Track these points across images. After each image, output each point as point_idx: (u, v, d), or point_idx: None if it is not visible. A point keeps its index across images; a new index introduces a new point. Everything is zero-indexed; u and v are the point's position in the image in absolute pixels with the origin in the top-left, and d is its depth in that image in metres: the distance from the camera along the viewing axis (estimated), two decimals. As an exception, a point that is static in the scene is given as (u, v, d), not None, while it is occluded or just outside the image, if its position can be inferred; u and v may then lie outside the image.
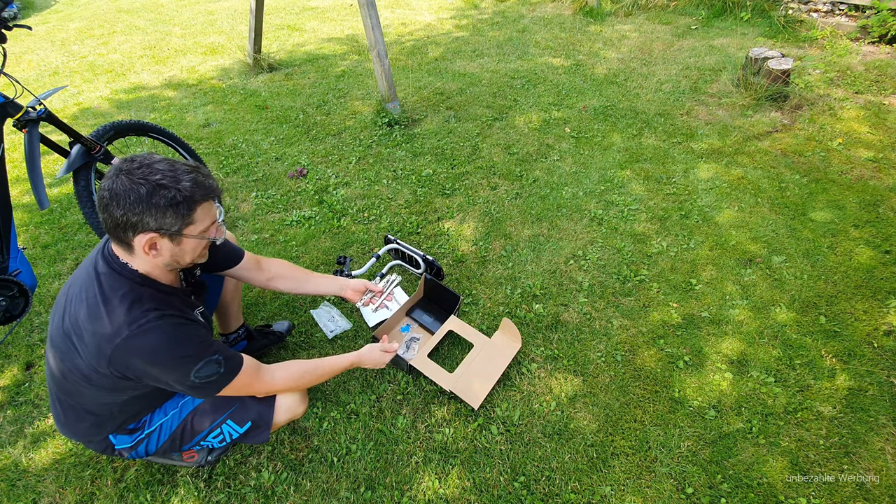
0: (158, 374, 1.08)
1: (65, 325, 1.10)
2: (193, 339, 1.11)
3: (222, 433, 1.36)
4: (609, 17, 5.08)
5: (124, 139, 3.15)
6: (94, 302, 1.06)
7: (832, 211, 2.43)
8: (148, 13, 6.57)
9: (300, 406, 1.41)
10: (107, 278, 1.08)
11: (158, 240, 1.04)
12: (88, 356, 1.07)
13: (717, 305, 2.01)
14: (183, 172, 1.03)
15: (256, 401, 1.36)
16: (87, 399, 1.19)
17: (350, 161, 3.02)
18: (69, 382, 1.15)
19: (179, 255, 1.10)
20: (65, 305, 1.12)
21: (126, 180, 0.99)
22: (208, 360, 1.11)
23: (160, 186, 1.00)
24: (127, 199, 0.98)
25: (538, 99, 3.61)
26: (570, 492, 1.47)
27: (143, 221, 1.00)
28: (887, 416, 1.61)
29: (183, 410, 1.33)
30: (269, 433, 1.38)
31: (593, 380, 1.77)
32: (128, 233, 1.02)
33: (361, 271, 2.12)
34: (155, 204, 0.99)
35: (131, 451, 1.31)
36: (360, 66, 4.37)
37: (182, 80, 4.35)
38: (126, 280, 1.08)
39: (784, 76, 3.20)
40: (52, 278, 2.29)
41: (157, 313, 1.06)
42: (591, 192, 2.66)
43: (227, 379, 1.17)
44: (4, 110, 1.82)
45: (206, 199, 1.07)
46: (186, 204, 1.03)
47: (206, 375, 1.11)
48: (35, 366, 1.91)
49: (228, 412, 1.34)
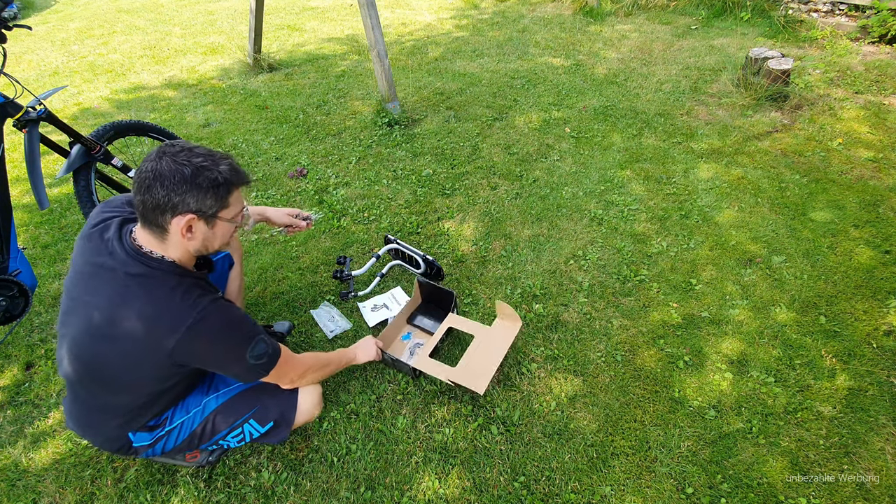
0: (221, 354, 1.13)
1: (96, 330, 1.09)
2: (244, 319, 1.17)
3: (243, 433, 1.37)
4: (609, 17, 5.08)
5: (124, 139, 3.15)
6: (145, 301, 1.07)
7: (832, 211, 2.43)
8: (148, 13, 6.57)
9: (316, 409, 1.47)
10: (149, 276, 1.09)
11: (195, 222, 1.08)
12: (142, 353, 1.09)
13: (717, 305, 2.01)
14: (220, 158, 1.09)
15: (279, 401, 1.39)
16: (124, 396, 1.19)
17: (350, 161, 3.02)
18: (103, 383, 1.16)
19: (210, 240, 1.14)
20: (85, 309, 1.11)
21: (171, 161, 1.03)
22: (258, 339, 1.17)
23: (203, 168, 1.04)
24: (172, 179, 1.01)
25: (538, 99, 3.61)
26: (570, 492, 1.47)
27: (185, 202, 1.04)
28: (887, 416, 1.61)
29: (206, 409, 1.34)
30: (288, 433, 1.42)
31: (593, 380, 1.77)
32: (166, 215, 1.04)
33: (361, 271, 2.12)
34: (198, 185, 1.04)
35: (148, 448, 1.31)
36: (360, 66, 4.37)
37: (182, 80, 4.35)
38: (168, 273, 1.11)
39: (784, 76, 3.20)
40: (52, 278, 2.29)
41: (209, 298, 1.11)
42: (591, 192, 2.66)
43: (275, 359, 1.22)
44: (4, 110, 1.82)
45: (241, 184, 1.14)
46: (225, 187, 1.08)
47: (259, 355, 1.17)
48: (35, 366, 1.91)
49: (252, 411, 1.36)
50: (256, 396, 1.38)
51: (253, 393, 1.39)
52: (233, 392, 1.38)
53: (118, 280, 1.08)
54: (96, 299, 1.10)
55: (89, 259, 1.13)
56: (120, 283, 1.08)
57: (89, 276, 1.13)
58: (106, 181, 2.36)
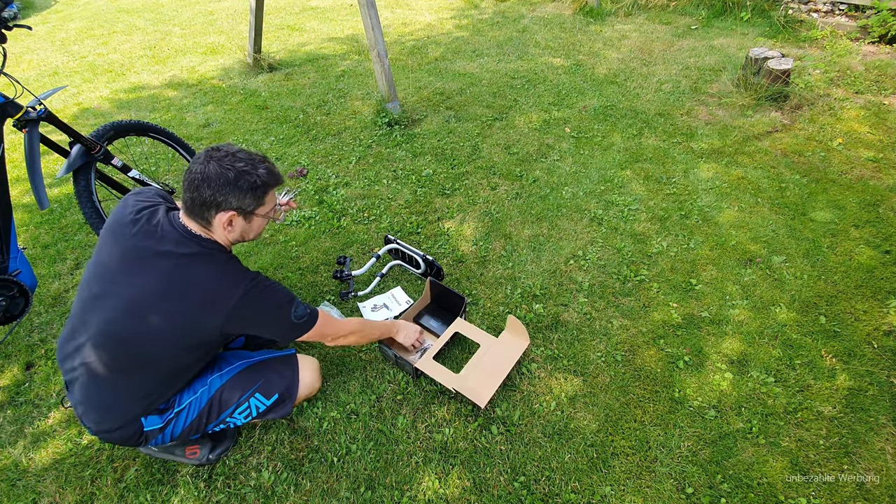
0: (271, 317, 1.29)
1: (144, 307, 1.18)
2: (283, 288, 1.34)
3: (249, 407, 1.42)
4: (609, 17, 5.08)
5: (124, 139, 3.15)
6: (202, 275, 1.21)
7: (832, 211, 2.43)
8: (148, 13, 6.57)
9: (317, 382, 1.58)
10: (203, 254, 1.23)
11: (235, 218, 1.25)
12: (193, 323, 1.20)
13: (717, 305, 2.01)
14: (259, 162, 1.26)
15: (282, 374, 1.48)
16: (153, 372, 1.26)
17: (350, 161, 3.02)
18: (137, 360, 1.23)
19: (247, 232, 1.32)
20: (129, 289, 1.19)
21: (217, 166, 1.19)
22: (298, 303, 1.34)
23: (244, 173, 1.21)
24: (217, 181, 1.19)
25: (538, 99, 3.61)
26: (570, 492, 1.47)
27: (228, 201, 1.21)
28: (887, 416, 1.61)
29: (212, 387, 1.39)
30: (292, 406, 1.50)
31: (593, 380, 1.77)
32: (211, 210, 1.22)
33: (361, 271, 2.12)
34: (240, 187, 1.21)
35: (159, 433, 1.34)
36: (361, 66, 4.37)
37: (182, 80, 4.35)
38: (220, 251, 1.27)
39: (784, 76, 3.20)
40: (52, 278, 2.29)
41: (254, 272, 1.28)
42: (591, 192, 2.66)
43: (314, 320, 1.38)
44: (4, 110, 1.82)
45: (275, 185, 1.31)
46: (262, 188, 1.25)
47: (301, 315, 1.34)
48: (35, 366, 1.91)
49: (256, 385, 1.43)
50: (260, 371, 1.45)
51: (256, 368, 1.46)
52: (236, 369, 1.43)
53: (171, 259, 1.20)
54: (142, 279, 1.19)
55: (138, 243, 1.22)
56: (173, 262, 1.20)
57: (135, 258, 1.22)
58: (106, 181, 2.36)
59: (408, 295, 2.13)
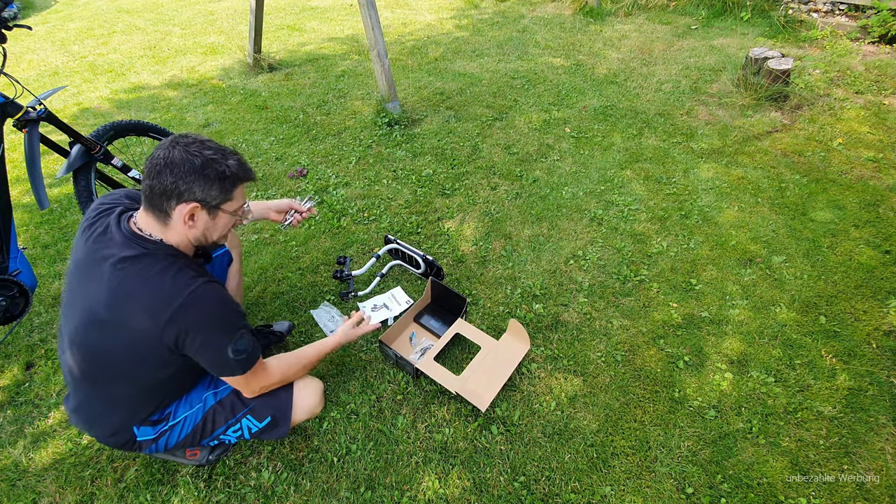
0: (206, 338, 1.12)
1: (93, 317, 1.11)
2: (234, 305, 1.17)
3: (241, 428, 1.38)
4: (609, 17, 5.08)
5: (124, 139, 3.16)
6: (138, 281, 1.08)
7: (832, 211, 2.43)
8: (148, 13, 6.57)
9: (318, 405, 1.48)
10: (143, 257, 1.10)
11: (198, 211, 1.11)
12: (136, 335, 1.09)
13: (717, 305, 2.01)
14: (229, 153, 1.13)
15: (276, 396, 1.39)
16: (126, 385, 1.20)
17: (350, 161, 3.02)
18: (105, 371, 1.17)
19: (210, 230, 1.17)
20: (83, 299, 1.13)
21: (182, 151, 1.07)
22: (244, 331, 1.16)
23: (212, 161, 1.08)
24: (182, 168, 1.06)
25: (538, 99, 3.61)
26: (570, 492, 1.47)
27: (191, 190, 1.07)
28: (887, 416, 1.61)
29: (206, 403, 1.35)
30: (287, 428, 1.42)
31: (593, 380, 1.77)
32: (171, 201, 1.08)
33: (361, 271, 2.12)
34: (206, 175, 1.08)
35: (151, 444, 1.32)
36: (361, 66, 4.37)
37: (182, 80, 4.35)
38: (162, 254, 1.12)
39: (784, 76, 3.20)
40: (52, 278, 2.29)
41: (203, 279, 1.12)
42: (591, 192, 2.66)
43: (253, 359, 1.21)
44: (4, 110, 1.82)
45: (245, 180, 1.17)
46: (231, 180, 1.12)
47: (241, 350, 1.16)
48: (35, 366, 1.91)
49: (248, 407, 1.37)
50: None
51: None
52: (230, 388, 1.39)
53: (115, 265, 1.10)
54: (93, 287, 1.11)
55: (90, 249, 1.15)
56: (116, 268, 1.09)
57: (86, 266, 1.14)
58: (106, 181, 2.36)
59: (408, 295, 2.13)
